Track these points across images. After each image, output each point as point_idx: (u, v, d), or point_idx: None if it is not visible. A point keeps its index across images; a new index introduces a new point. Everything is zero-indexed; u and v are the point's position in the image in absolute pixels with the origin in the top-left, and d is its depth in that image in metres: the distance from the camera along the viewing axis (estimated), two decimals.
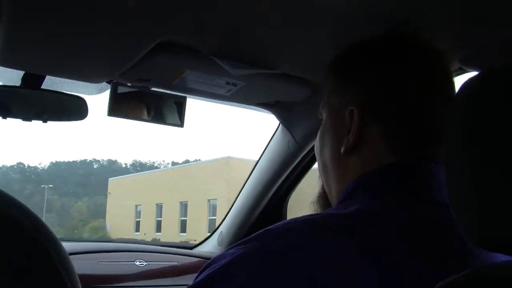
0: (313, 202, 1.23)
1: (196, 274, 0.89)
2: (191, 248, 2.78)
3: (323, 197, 1.19)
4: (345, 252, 0.82)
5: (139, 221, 41.98)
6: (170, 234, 35.46)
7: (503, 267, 0.68)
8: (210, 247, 2.69)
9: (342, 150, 1.04)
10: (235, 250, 0.87)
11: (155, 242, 3.92)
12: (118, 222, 42.98)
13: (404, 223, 0.88)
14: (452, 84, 1.06)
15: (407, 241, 0.85)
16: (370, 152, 1.02)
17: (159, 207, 39.78)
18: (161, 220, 39.43)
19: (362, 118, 1.02)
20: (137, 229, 41.66)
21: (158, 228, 39.28)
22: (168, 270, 2.34)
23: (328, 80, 1.15)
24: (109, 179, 51.89)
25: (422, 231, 0.88)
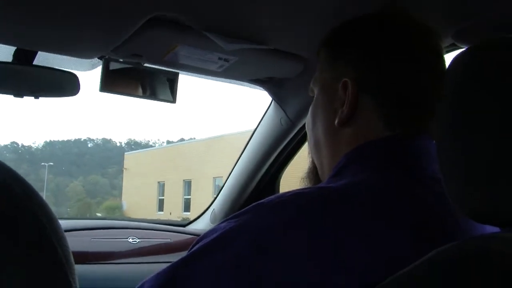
0: (303, 178, 1.23)
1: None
2: (184, 225, 2.79)
3: (313, 173, 1.20)
4: (331, 224, 0.82)
5: (163, 199, 38.76)
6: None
7: (489, 238, 0.69)
8: (203, 225, 2.70)
9: (336, 122, 1.04)
10: (227, 223, 0.87)
11: (148, 220, 3.91)
12: (136, 200, 39.83)
13: (394, 197, 0.89)
14: (442, 59, 1.07)
15: (395, 215, 0.86)
16: (364, 125, 1.02)
17: (187, 184, 36.32)
18: (189, 198, 35.75)
19: (355, 90, 1.02)
20: (161, 208, 38.30)
21: (187, 207, 35.24)
22: (160, 247, 2.35)
23: (320, 55, 1.16)
24: (125, 153, 49.00)
25: (412, 206, 0.88)
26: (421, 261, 0.70)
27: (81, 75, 1.77)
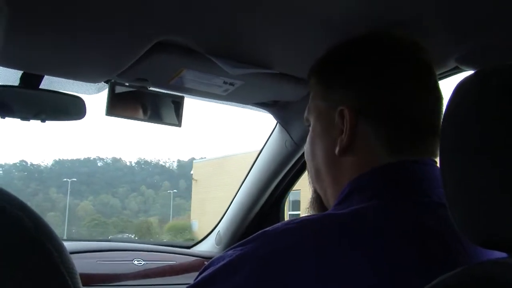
0: (307, 208, 1.22)
1: (193, 273, 0.90)
2: (189, 247, 2.79)
3: (317, 202, 1.19)
4: (339, 250, 0.83)
5: None
6: None
7: (493, 264, 0.69)
8: (208, 247, 2.69)
9: (336, 150, 1.04)
10: (233, 251, 0.88)
11: (153, 241, 3.90)
12: (209, 219, 32.39)
13: (401, 224, 0.89)
14: (435, 76, 1.07)
15: (402, 241, 0.86)
16: (365, 152, 1.02)
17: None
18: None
19: (353, 117, 1.02)
20: None
21: None
22: (166, 269, 2.34)
23: (312, 85, 1.17)
24: (194, 161, 43.64)
25: (417, 232, 0.88)
26: None
27: (88, 96, 1.79)
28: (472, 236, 0.74)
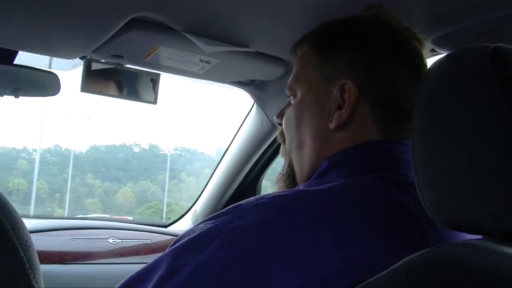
0: (277, 181, 1.19)
1: None
2: (165, 226, 2.79)
3: (290, 176, 1.16)
4: (308, 228, 0.83)
5: None
6: None
7: (463, 245, 0.69)
8: (185, 225, 2.70)
9: (332, 125, 1.02)
10: (204, 224, 0.87)
11: (129, 220, 3.89)
12: None
13: (375, 204, 0.88)
14: (425, 63, 1.07)
15: (374, 223, 0.86)
16: (360, 130, 1.01)
17: None
18: None
19: (356, 94, 1.01)
20: None
21: None
22: (141, 248, 2.34)
23: (304, 55, 1.14)
24: None
25: (391, 213, 0.88)
26: (391, 268, 0.70)
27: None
28: (440, 218, 0.74)
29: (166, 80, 1.82)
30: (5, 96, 1.69)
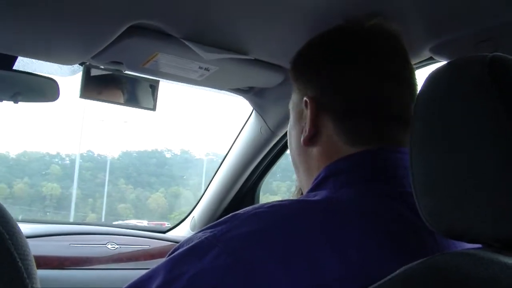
0: (292, 196, 1.24)
1: None
2: (164, 232, 2.79)
3: (300, 192, 1.19)
4: (306, 236, 0.83)
5: None
6: None
7: (460, 255, 0.69)
8: (183, 232, 2.70)
9: (301, 140, 1.06)
10: (202, 233, 0.87)
11: (127, 225, 3.88)
12: None
13: (372, 214, 0.88)
14: (409, 64, 1.08)
15: (373, 232, 0.86)
16: (328, 143, 1.03)
17: None
18: None
19: (314, 108, 1.03)
20: None
21: None
22: (139, 254, 2.35)
23: (291, 76, 1.17)
24: None
25: (389, 222, 0.88)
26: (389, 277, 0.70)
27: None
28: (438, 227, 0.74)
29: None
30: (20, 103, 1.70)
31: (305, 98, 1.05)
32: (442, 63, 0.89)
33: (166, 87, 1.86)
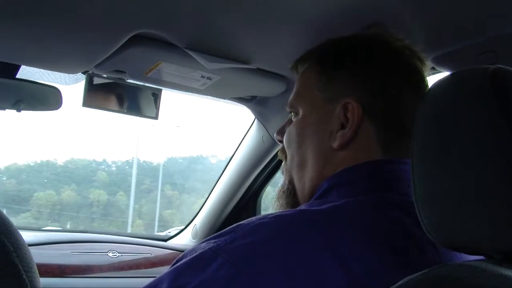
0: (278, 198, 1.18)
1: (168, 266, 0.89)
2: (165, 240, 2.79)
3: (291, 194, 1.15)
4: (310, 247, 0.83)
5: None
6: None
7: (462, 266, 0.69)
8: (184, 240, 2.69)
9: (335, 144, 1.02)
10: (206, 244, 0.87)
11: (129, 233, 3.88)
12: None
13: (376, 224, 0.88)
14: (426, 83, 1.07)
15: (376, 242, 0.86)
16: (363, 150, 1.01)
17: None
18: None
19: (360, 113, 1.01)
20: None
21: None
22: (141, 262, 2.34)
23: (306, 73, 1.14)
24: None
25: (392, 233, 0.88)
26: None
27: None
28: (439, 238, 0.74)
29: None
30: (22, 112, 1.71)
31: (346, 100, 1.02)
32: (444, 73, 0.90)
33: None
